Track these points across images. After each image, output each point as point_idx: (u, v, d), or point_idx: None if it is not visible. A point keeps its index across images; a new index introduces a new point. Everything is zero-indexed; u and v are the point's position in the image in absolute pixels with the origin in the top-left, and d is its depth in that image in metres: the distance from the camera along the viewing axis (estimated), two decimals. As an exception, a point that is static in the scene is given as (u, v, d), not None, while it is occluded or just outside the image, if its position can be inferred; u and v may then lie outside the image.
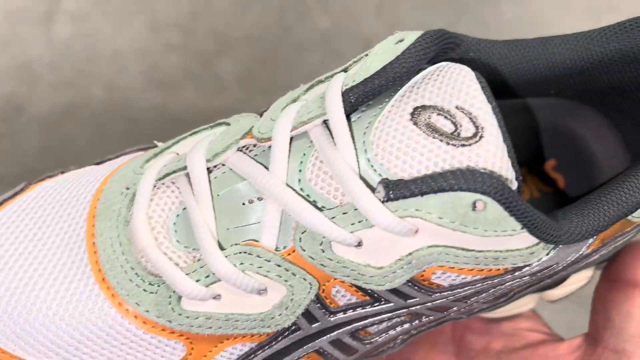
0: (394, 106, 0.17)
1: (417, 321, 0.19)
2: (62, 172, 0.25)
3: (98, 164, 0.26)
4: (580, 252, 0.19)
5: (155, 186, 0.19)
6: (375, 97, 0.18)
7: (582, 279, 0.26)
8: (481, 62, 0.21)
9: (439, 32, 0.19)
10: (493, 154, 0.15)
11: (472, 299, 0.18)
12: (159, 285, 0.17)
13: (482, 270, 0.17)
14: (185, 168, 0.19)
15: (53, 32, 0.96)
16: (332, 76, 0.20)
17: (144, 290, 0.17)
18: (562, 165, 0.26)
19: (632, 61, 0.21)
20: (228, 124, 0.22)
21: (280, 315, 0.17)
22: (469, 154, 0.15)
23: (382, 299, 0.17)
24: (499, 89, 0.21)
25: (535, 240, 0.16)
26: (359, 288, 0.17)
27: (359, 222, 0.17)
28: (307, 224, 0.17)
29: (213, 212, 0.17)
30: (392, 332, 0.19)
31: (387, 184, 0.16)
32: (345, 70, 0.20)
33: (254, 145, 0.19)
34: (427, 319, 0.19)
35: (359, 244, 0.17)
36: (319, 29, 0.94)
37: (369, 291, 0.17)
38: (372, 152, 0.16)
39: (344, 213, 0.17)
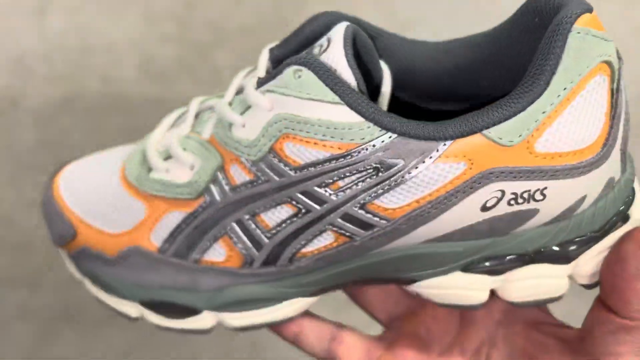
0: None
1: (298, 212, 0.22)
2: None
3: None
4: (430, 159, 0.19)
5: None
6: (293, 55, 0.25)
7: (551, 290, 0.22)
8: (394, 55, 0.26)
9: (357, 20, 0.25)
10: (332, 60, 0.21)
11: (331, 185, 0.21)
12: (142, 167, 0.27)
13: (324, 144, 0.20)
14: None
15: (46, 25, 0.94)
16: None
17: (136, 169, 0.27)
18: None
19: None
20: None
21: (196, 180, 0.25)
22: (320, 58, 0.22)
23: (261, 176, 0.23)
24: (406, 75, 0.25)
25: (360, 118, 0.20)
26: (245, 164, 0.23)
27: (245, 108, 0.24)
28: (221, 113, 0.25)
29: (191, 127, 0.27)
30: (279, 220, 0.23)
31: (258, 79, 0.24)
32: None
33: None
34: (304, 209, 0.22)
35: (244, 125, 0.24)
36: (315, 19, 0.93)
37: (253, 168, 0.23)
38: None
39: (240, 103, 0.25)
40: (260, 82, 0.24)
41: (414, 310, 0.28)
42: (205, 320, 0.26)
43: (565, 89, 0.19)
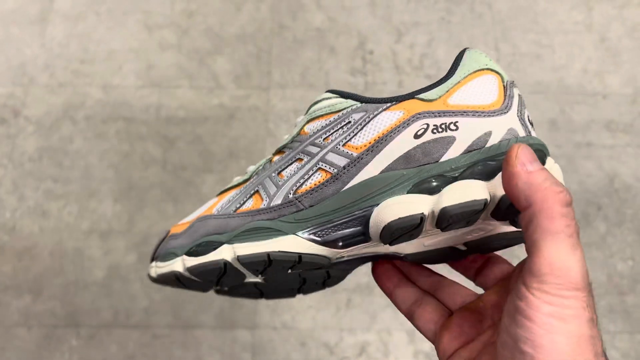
0: None
1: (302, 161, 0.33)
2: None
3: None
4: (381, 110, 0.31)
5: None
6: None
7: (474, 194, 0.29)
8: None
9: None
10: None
11: (325, 138, 0.33)
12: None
13: (325, 117, 0.33)
14: None
15: (47, 34, 0.95)
16: None
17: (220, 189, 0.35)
18: None
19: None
20: None
21: (252, 170, 0.35)
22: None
23: (289, 151, 0.34)
24: None
25: (343, 99, 0.33)
26: (283, 150, 0.34)
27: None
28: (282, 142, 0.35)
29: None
30: (290, 171, 0.33)
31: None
32: None
33: None
34: (307, 157, 0.33)
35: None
36: (313, 25, 0.95)
37: (285, 149, 0.34)
38: None
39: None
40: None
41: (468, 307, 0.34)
42: (221, 252, 0.32)
43: (463, 75, 0.31)
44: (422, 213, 0.29)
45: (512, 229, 0.31)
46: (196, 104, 0.86)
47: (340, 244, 0.31)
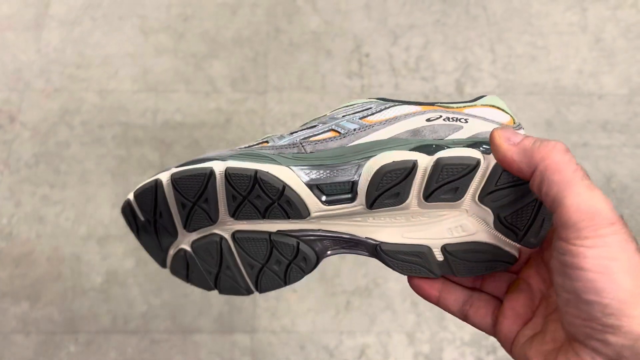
0: None
1: (315, 127, 0.36)
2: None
3: None
4: (399, 106, 0.36)
5: None
6: None
7: (468, 153, 0.31)
8: None
9: None
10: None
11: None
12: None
13: (344, 107, 0.37)
14: None
15: (42, 38, 0.95)
16: None
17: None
18: None
19: None
20: None
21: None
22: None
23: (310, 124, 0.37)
24: None
25: (370, 99, 0.37)
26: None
27: None
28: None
29: None
30: (303, 132, 0.36)
31: None
32: None
33: None
34: (321, 124, 0.36)
35: None
36: (309, 29, 0.95)
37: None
38: None
39: None
40: None
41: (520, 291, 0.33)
42: (211, 163, 0.32)
43: (480, 103, 0.36)
44: (416, 160, 0.31)
45: (492, 239, 0.31)
46: (193, 108, 0.86)
47: (324, 197, 0.31)
